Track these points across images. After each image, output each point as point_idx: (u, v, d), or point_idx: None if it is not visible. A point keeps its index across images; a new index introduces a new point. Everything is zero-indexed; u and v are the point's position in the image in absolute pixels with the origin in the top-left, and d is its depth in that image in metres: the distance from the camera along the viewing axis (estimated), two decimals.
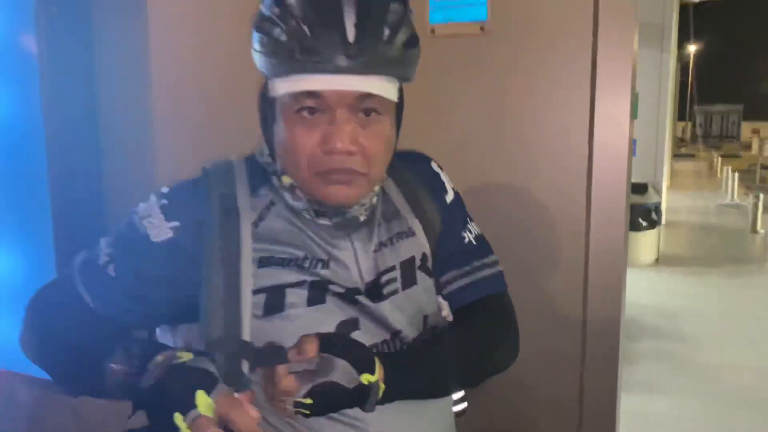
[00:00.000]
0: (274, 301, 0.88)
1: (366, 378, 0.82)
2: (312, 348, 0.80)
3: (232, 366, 0.85)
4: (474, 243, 1.08)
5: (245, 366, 0.86)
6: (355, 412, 0.87)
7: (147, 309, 0.93)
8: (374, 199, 0.99)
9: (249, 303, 0.87)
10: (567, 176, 1.63)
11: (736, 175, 13.16)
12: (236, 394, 0.76)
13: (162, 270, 0.90)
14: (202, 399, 0.73)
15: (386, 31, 0.83)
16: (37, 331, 0.95)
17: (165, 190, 0.94)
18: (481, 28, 1.62)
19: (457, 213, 1.09)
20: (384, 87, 0.86)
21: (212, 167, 0.96)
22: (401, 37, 0.85)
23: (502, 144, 1.68)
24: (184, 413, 0.72)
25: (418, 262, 1.01)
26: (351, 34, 0.81)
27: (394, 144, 0.95)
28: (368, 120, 0.87)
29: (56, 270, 2.02)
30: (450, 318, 1.05)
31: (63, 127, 2.03)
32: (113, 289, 0.91)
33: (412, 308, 0.98)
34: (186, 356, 0.80)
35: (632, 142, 1.69)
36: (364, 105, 0.86)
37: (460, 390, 1.14)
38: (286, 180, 0.93)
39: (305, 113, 0.86)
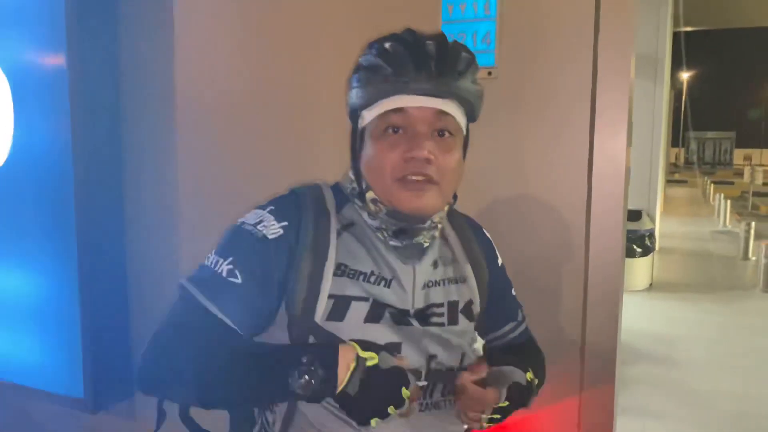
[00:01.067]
0: (338, 308, 1.02)
1: (529, 375, 1.11)
2: (484, 366, 1.08)
3: (300, 340, 1.02)
4: (516, 298, 1.33)
5: (311, 339, 1.02)
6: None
7: (269, 309, 1.03)
8: (439, 227, 1.12)
9: (327, 289, 1.02)
10: (567, 205, 1.74)
11: (729, 202, 13.34)
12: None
13: (277, 265, 1.02)
14: (405, 393, 0.93)
15: (458, 69, 1.04)
16: (171, 361, 0.98)
17: (264, 203, 1.09)
18: (489, 73, 1.74)
19: (506, 275, 1.31)
20: (456, 111, 1.06)
21: (301, 185, 1.13)
22: (469, 76, 1.06)
23: (506, 177, 1.79)
24: (396, 406, 0.92)
25: (461, 306, 1.15)
26: (432, 65, 1.02)
27: (461, 169, 1.10)
28: (443, 139, 1.05)
29: (79, 291, 2.10)
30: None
31: (90, 153, 2.12)
32: (241, 295, 1.00)
33: (451, 342, 1.11)
34: (372, 358, 0.94)
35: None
36: (440, 124, 1.04)
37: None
38: (370, 195, 1.07)
39: (390, 131, 1.04)
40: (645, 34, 7.29)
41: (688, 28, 15.63)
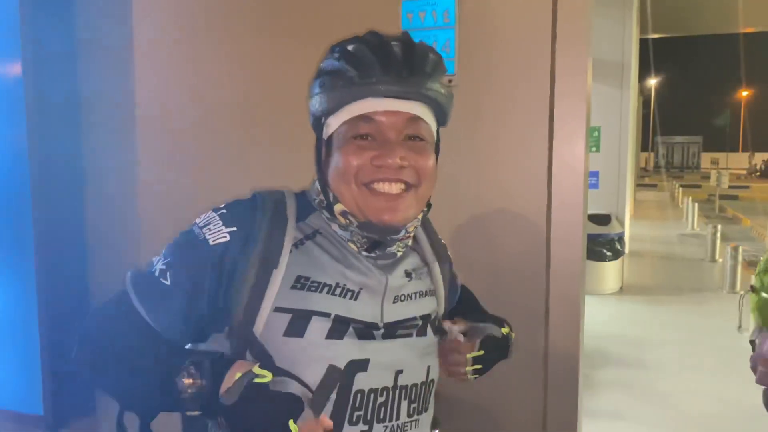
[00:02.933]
0: (297, 323, 0.96)
1: (505, 330, 1.18)
2: (462, 321, 1.13)
3: (239, 350, 0.97)
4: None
5: (248, 356, 0.97)
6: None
7: (196, 316, 0.97)
8: (412, 235, 1.08)
9: (271, 301, 0.96)
10: (527, 211, 1.76)
11: (696, 205, 13.60)
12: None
13: (212, 271, 0.96)
14: (293, 428, 0.83)
15: (426, 70, 0.99)
16: (95, 348, 0.98)
17: (222, 205, 1.03)
18: (449, 81, 1.75)
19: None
20: (427, 115, 1.02)
21: (263, 190, 1.06)
22: (438, 77, 1.02)
23: (467, 184, 1.80)
24: None
25: (431, 319, 1.11)
26: (399, 65, 0.97)
27: (435, 175, 1.05)
28: (415, 143, 1.00)
29: (38, 305, 2.05)
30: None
31: (48, 163, 2.08)
32: (167, 298, 0.96)
33: (418, 354, 1.07)
34: (266, 376, 0.86)
35: (589, 176, 1.82)
36: (411, 130, 1.00)
37: None
38: (339, 208, 1.01)
39: (359, 140, 0.98)
40: (611, 41, 7.41)
41: (656, 35, 15.98)
